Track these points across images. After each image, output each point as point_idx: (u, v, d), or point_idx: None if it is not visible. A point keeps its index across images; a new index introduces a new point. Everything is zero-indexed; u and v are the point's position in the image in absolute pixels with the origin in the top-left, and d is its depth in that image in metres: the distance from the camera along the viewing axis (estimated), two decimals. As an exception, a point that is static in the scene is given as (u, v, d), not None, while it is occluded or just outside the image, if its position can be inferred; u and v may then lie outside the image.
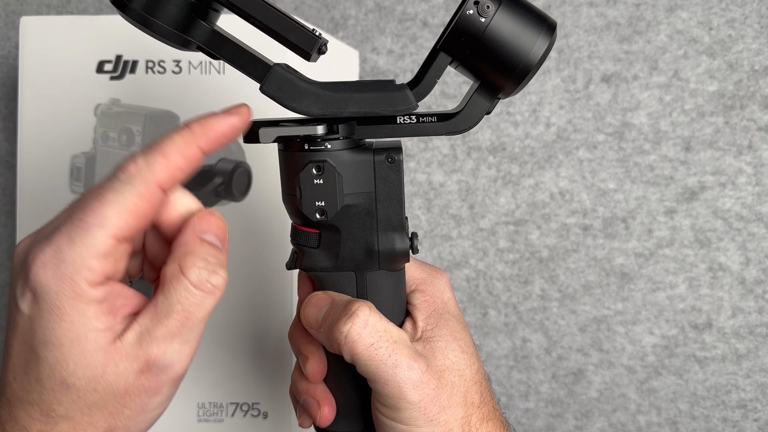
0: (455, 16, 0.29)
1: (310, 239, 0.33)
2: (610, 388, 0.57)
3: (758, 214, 0.55)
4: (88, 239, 0.25)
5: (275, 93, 0.29)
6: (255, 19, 0.28)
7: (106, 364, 0.26)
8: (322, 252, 0.33)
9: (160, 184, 0.26)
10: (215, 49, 0.30)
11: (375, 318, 0.31)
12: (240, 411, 0.51)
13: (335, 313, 0.31)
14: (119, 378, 0.26)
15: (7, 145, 0.59)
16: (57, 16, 0.52)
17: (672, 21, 0.55)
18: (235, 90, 0.52)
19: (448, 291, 0.35)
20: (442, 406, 0.30)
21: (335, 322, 0.31)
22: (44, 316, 0.26)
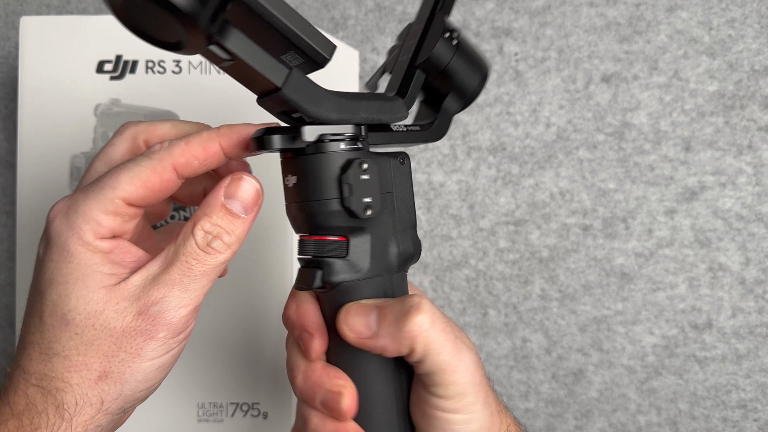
0: (425, 38, 0.33)
1: (340, 248, 0.31)
2: (610, 388, 0.57)
3: (758, 214, 0.55)
4: (99, 196, 0.28)
5: (296, 96, 0.28)
6: (278, 19, 0.26)
7: (107, 301, 0.28)
8: (350, 261, 0.31)
9: (175, 166, 0.29)
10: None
11: (433, 306, 0.30)
12: (240, 411, 0.51)
13: (394, 311, 0.30)
14: (118, 316, 0.28)
15: (7, 145, 0.59)
16: (57, 16, 0.52)
17: (672, 21, 0.55)
18: (235, 90, 0.52)
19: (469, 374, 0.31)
20: (488, 388, 0.31)
21: (402, 319, 0.29)
22: (54, 258, 0.28)
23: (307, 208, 0.30)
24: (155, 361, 0.29)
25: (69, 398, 0.28)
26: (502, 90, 0.57)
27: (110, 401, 0.28)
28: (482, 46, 0.57)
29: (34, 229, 0.52)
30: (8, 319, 0.59)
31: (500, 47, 0.56)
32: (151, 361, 0.29)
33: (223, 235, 0.29)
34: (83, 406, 0.28)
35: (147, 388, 0.29)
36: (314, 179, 0.30)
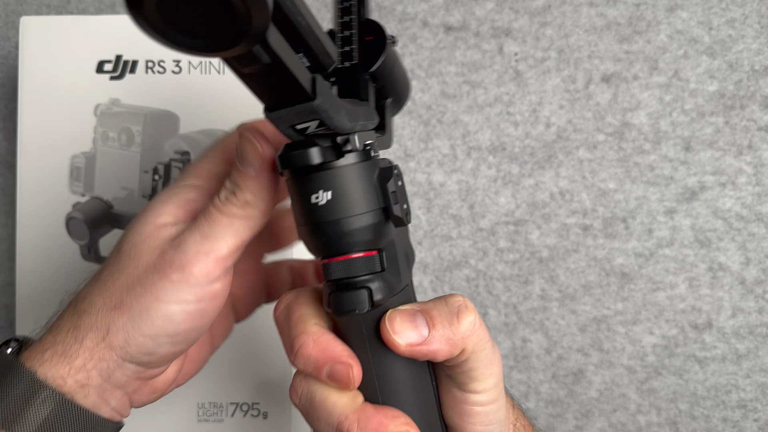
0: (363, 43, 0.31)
1: (378, 263, 0.29)
2: (610, 388, 0.57)
3: (758, 214, 0.55)
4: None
5: (327, 106, 0.25)
6: (302, 17, 0.23)
7: (148, 236, 0.30)
8: (385, 275, 0.29)
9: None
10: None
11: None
12: (240, 411, 0.51)
13: (443, 314, 0.29)
14: (149, 251, 0.30)
15: (7, 145, 0.59)
16: (57, 16, 0.52)
17: (672, 21, 0.55)
18: (235, 90, 0.52)
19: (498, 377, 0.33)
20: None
21: (454, 320, 0.29)
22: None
23: (346, 224, 0.28)
24: (164, 306, 0.29)
25: (86, 320, 0.30)
26: (502, 90, 0.57)
27: (114, 332, 0.29)
28: (482, 46, 0.57)
29: (34, 229, 0.52)
30: (8, 319, 0.59)
31: (500, 47, 0.56)
32: (159, 303, 0.29)
33: (236, 190, 0.30)
34: (92, 330, 0.30)
35: (151, 338, 0.29)
36: (356, 191, 0.28)
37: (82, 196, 0.52)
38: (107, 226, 0.52)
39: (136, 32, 0.31)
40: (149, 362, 0.30)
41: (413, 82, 0.57)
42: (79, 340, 0.30)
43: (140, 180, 0.52)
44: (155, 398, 0.34)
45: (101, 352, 0.29)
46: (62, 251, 0.52)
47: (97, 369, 0.30)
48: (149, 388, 0.33)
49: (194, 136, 0.52)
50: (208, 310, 0.30)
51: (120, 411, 0.32)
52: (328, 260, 0.29)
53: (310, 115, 0.25)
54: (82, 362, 0.29)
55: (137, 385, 0.32)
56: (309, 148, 0.27)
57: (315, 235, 0.28)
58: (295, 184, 0.28)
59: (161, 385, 0.33)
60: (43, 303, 0.52)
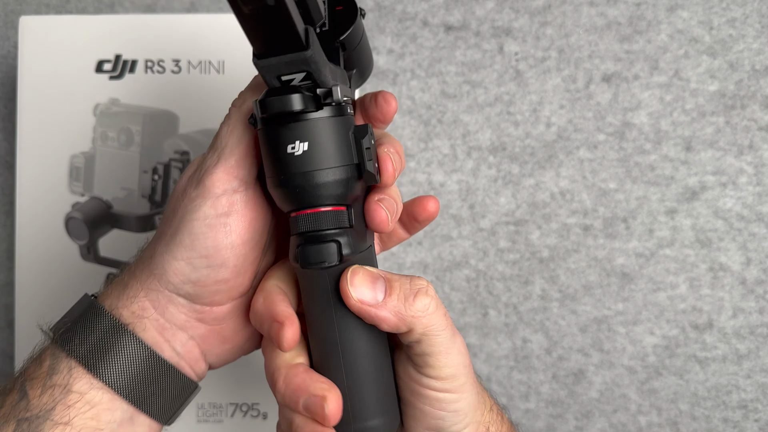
0: (335, 13, 0.31)
1: (347, 218, 0.29)
2: (611, 389, 0.57)
3: (759, 214, 0.55)
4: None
5: (317, 59, 0.26)
6: None
7: (184, 174, 0.32)
8: (353, 231, 0.30)
9: None
10: None
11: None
12: (240, 411, 0.51)
13: (403, 288, 0.30)
14: (181, 183, 0.32)
15: (6, 145, 0.59)
16: (56, 16, 0.52)
17: (673, 20, 0.55)
18: (234, 90, 0.52)
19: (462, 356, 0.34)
20: (473, 370, 0.32)
21: (410, 297, 0.30)
22: None
23: (320, 176, 0.28)
24: (188, 224, 0.30)
25: (139, 256, 0.32)
26: (502, 90, 0.56)
27: (155, 259, 0.31)
28: (482, 45, 0.56)
29: (34, 229, 0.52)
30: (8, 319, 0.59)
31: (500, 47, 0.56)
32: (183, 222, 0.30)
33: (240, 92, 0.32)
34: (141, 261, 0.32)
35: (185, 261, 0.30)
36: (332, 144, 0.28)
37: (81, 196, 0.52)
38: (107, 226, 0.52)
39: (136, 32, 0.31)
40: (196, 294, 0.31)
41: (413, 82, 0.57)
42: (132, 272, 0.32)
43: (140, 180, 0.52)
44: (230, 352, 0.34)
45: (148, 280, 0.31)
46: (62, 251, 0.52)
47: (149, 299, 0.31)
48: (218, 336, 0.32)
49: (194, 135, 0.52)
50: (234, 225, 0.30)
51: (191, 363, 0.32)
52: (298, 212, 0.29)
53: (301, 66, 0.26)
54: (134, 292, 0.31)
55: (203, 330, 0.32)
56: (292, 94, 0.27)
57: (287, 186, 0.28)
58: (271, 133, 0.28)
59: (231, 334, 0.33)
60: (43, 303, 0.52)
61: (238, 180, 0.30)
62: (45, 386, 0.29)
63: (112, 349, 0.30)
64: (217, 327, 0.32)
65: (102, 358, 0.29)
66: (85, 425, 0.29)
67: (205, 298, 0.31)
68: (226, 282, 0.31)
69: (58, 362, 0.30)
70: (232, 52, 0.51)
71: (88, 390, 0.29)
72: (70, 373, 0.29)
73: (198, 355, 0.32)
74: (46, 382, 0.29)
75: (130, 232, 0.52)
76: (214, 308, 0.32)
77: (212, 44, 0.51)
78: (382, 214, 0.30)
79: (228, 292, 0.31)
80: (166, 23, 0.51)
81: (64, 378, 0.29)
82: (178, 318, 0.31)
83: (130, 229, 0.52)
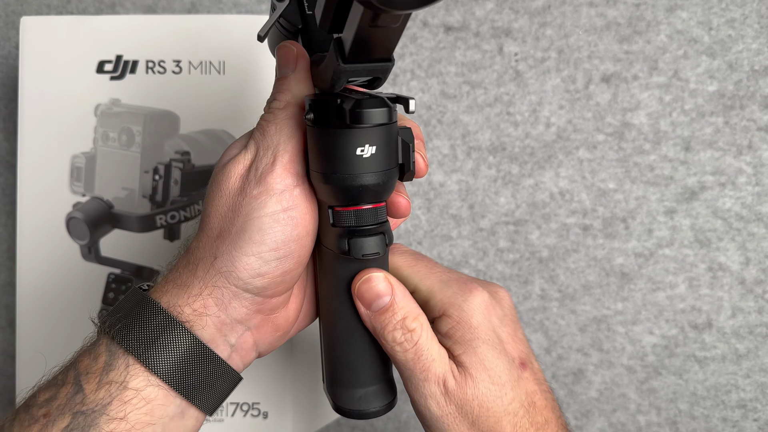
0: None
1: (385, 212, 0.33)
2: (610, 388, 0.57)
3: (758, 214, 0.55)
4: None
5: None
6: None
7: (224, 169, 0.33)
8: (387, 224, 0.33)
9: None
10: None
11: (424, 337, 0.33)
12: (240, 411, 0.51)
13: (393, 319, 0.33)
14: (229, 180, 0.32)
15: (7, 145, 0.59)
16: (57, 16, 0.52)
17: (672, 21, 0.55)
18: (235, 90, 0.52)
19: (479, 314, 0.34)
20: (463, 430, 0.32)
21: (390, 329, 0.33)
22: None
23: (382, 176, 0.30)
24: (256, 221, 0.31)
25: (196, 255, 0.33)
26: (502, 90, 0.57)
27: (220, 258, 0.32)
28: (482, 46, 0.57)
29: (35, 229, 0.52)
30: (8, 319, 0.59)
31: (500, 47, 0.56)
32: (251, 220, 0.31)
33: (277, 95, 0.33)
34: (202, 261, 0.32)
35: (255, 256, 0.31)
36: (391, 146, 0.31)
37: (82, 196, 0.52)
38: (107, 226, 0.52)
39: (137, 32, 0.31)
40: (263, 287, 0.32)
41: (413, 83, 0.57)
42: (192, 272, 0.32)
43: (140, 180, 0.52)
44: (280, 338, 0.35)
45: (213, 278, 0.31)
46: (62, 251, 0.52)
47: (212, 297, 0.32)
48: (272, 324, 0.34)
49: (194, 136, 0.52)
50: (299, 218, 0.32)
51: (242, 354, 0.33)
52: (348, 207, 0.31)
53: (378, 73, 0.29)
54: (197, 290, 0.32)
55: (258, 320, 0.33)
56: (385, 108, 0.29)
57: (349, 184, 0.30)
58: (339, 134, 0.30)
59: (283, 322, 0.35)
60: (44, 303, 0.52)
61: (295, 175, 0.32)
62: (101, 382, 0.30)
63: (169, 345, 0.30)
64: (272, 316, 0.34)
65: (160, 354, 0.30)
66: (139, 420, 0.30)
67: (270, 290, 0.32)
68: (290, 272, 0.32)
69: (115, 358, 0.30)
70: (233, 53, 0.51)
71: (145, 387, 0.30)
72: (127, 369, 0.30)
73: (251, 345, 0.34)
74: (102, 377, 0.30)
75: (131, 232, 0.52)
76: (273, 299, 0.33)
77: (213, 45, 0.51)
78: (407, 203, 0.34)
79: (290, 282, 0.33)
80: (167, 24, 0.51)
81: (121, 374, 0.30)
82: (240, 312, 0.32)
83: (131, 229, 0.52)
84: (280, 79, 0.33)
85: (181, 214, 0.52)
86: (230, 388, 0.34)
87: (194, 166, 0.52)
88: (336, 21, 0.27)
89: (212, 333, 0.32)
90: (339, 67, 0.28)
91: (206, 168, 0.52)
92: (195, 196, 0.52)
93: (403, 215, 0.34)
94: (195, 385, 0.31)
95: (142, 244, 0.52)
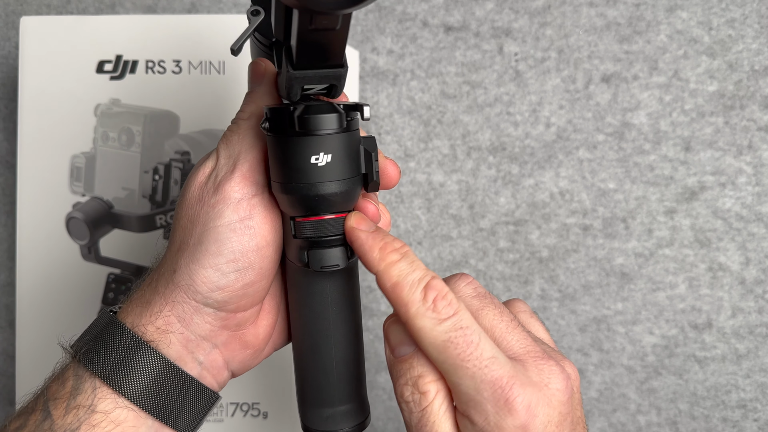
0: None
1: None
2: (610, 388, 0.57)
3: (758, 214, 0.55)
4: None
5: (345, 75, 0.29)
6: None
7: (191, 180, 0.32)
8: None
9: None
10: None
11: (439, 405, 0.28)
12: (240, 411, 0.51)
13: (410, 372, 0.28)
14: (192, 190, 0.32)
15: (7, 145, 0.59)
16: (57, 16, 0.52)
17: (672, 21, 0.55)
18: (235, 90, 0.52)
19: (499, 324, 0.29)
20: None
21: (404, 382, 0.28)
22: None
23: (341, 185, 0.30)
24: (212, 231, 0.30)
25: (159, 270, 0.32)
26: (502, 90, 0.57)
27: (179, 271, 0.31)
28: (482, 46, 0.57)
29: (34, 229, 0.52)
30: (8, 319, 0.59)
31: (500, 47, 0.56)
32: (207, 230, 0.30)
33: (243, 107, 0.32)
34: (163, 276, 0.31)
35: (213, 268, 0.30)
36: (350, 155, 0.30)
37: (82, 196, 0.52)
38: (107, 226, 0.52)
39: (137, 32, 0.31)
40: (224, 301, 0.31)
41: (413, 83, 0.57)
42: (154, 288, 0.31)
43: (140, 180, 0.52)
44: (251, 357, 0.34)
45: (173, 294, 0.31)
46: (62, 251, 0.52)
47: (174, 313, 0.31)
48: (240, 342, 0.33)
49: (194, 136, 0.52)
50: (256, 228, 0.31)
51: (214, 372, 0.32)
52: (307, 218, 0.30)
53: (332, 80, 0.28)
54: (158, 308, 0.31)
55: (225, 336, 0.32)
56: (333, 114, 0.29)
57: (302, 194, 0.29)
58: (294, 143, 0.29)
59: (252, 339, 0.33)
60: (44, 303, 0.52)
61: (255, 184, 0.31)
62: (69, 406, 0.29)
63: (135, 366, 0.30)
64: (239, 332, 0.33)
65: (127, 376, 0.30)
66: None
67: (232, 304, 0.31)
68: (252, 285, 0.31)
69: (82, 382, 0.30)
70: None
71: (113, 409, 0.29)
72: (94, 392, 0.29)
73: (221, 363, 0.33)
74: (69, 402, 0.29)
75: (130, 232, 0.52)
76: (238, 314, 0.32)
77: (213, 45, 0.51)
78: (375, 210, 0.32)
79: (253, 295, 0.32)
80: (167, 24, 0.51)
81: (88, 398, 0.29)
82: (203, 328, 0.31)
83: (131, 229, 0.52)
84: (249, 93, 0.33)
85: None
86: (207, 407, 0.33)
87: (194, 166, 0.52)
88: (287, 28, 0.27)
89: (179, 351, 0.31)
90: (289, 73, 0.27)
91: (206, 168, 0.52)
92: (195, 196, 0.52)
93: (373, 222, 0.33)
94: (166, 405, 0.30)
95: (142, 244, 0.52)
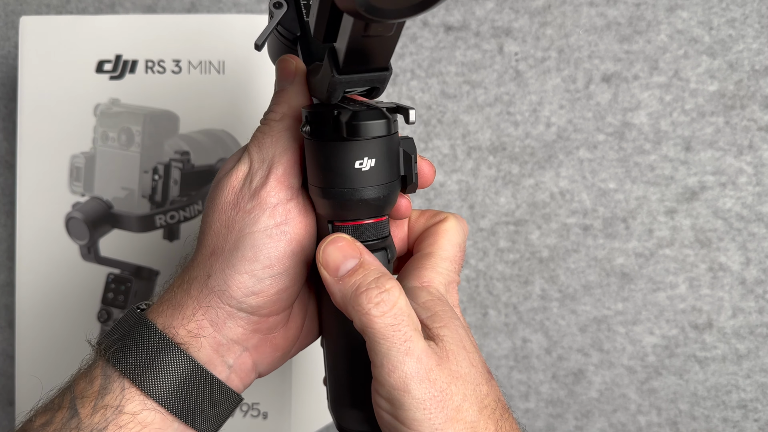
0: None
1: (387, 226, 0.31)
2: (611, 389, 0.57)
3: (759, 214, 0.55)
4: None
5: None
6: None
7: (220, 183, 0.32)
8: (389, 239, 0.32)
9: None
10: None
11: (403, 302, 0.28)
12: (240, 411, 0.51)
13: (366, 278, 0.28)
14: (224, 195, 0.31)
15: (6, 145, 0.59)
16: (57, 16, 0.52)
17: (672, 21, 0.55)
18: (235, 90, 0.52)
19: (454, 295, 0.32)
20: (449, 417, 0.27)
21: (363, 289, 0.28)
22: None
23: (382, 190, 0.29)
24: (248, 237, 0.30)
25: (191, 274, 0.32)
26: (502, 90, 0.57)
27: (214, 276, 0.31)
28: (482, 46, 0.57)
29: (34, 229, 0.52)
30: (8, 319, 0.59)
31: (500, 47, 0.56)
32: (243, 236, 0.30)
33: (274, 107, 0.32)
34: (196, 280, 0.31)
35: (249, 274, 0.30)
36: (391, 158, 0.29)
37: (81, 196, 0.52)
38: (107, 226, 0.52)
39: (136, 32, 0.31)
40: (258, 306, 0.31)
41: (413, 82, 0.57)
42: (186, 291, 0.31)
43: (140, 180, 0.52)
44: (280, 358, 0.34)
45: (207, 298, 0.31)
46: (62, 251, 0.52)
47: (207, 317, 0.31)
48: (270, 344, 0.33)
49: (194, 136, 0.52)
50: (292, 233, 0.30)
51: (242, 375, 0.32)
52: (348, 222, 0.30)
53: (375, 83, 0.27)
54: (191, 311, 0.31)
55: (256, 340, 0.32)
56: (383, 120, 0.28)
57: (347, 198, 0.29)
58: (337, 147, 0.29)
59: (282, 341, 0.33)
60: (44, 303, 0.52)
61: (290, 189, 0.31)
62: (96, 406, 0.29)
63: (165, 369, 0.30)
64: (270, 336, 0.33)
65: (156, 378, 0.29)
66: None
67: (265, 309, 0.31)
68: (286, 290, 0.31)
69: (111, 381, 0.30)
70: (233, 53, 0.51)
71: (141, 411, 0.29)
72: (122, 393, 0.29)
73: (250, 366, 0.33)
74: (97, 401, 0.29)
75: (130, 232, 0.52)
76: (270, 318, 0.32)
77: (212, 44, 0.51)
78: (407, 204, 0.33)
79: (287, 300, 0.32)
80: (167, 23, 0.51)
81: (116, 398, 0.29)
82: (236, 332, 0.31)
83: (131, 229, 0.52)
84: (278, 91, 0.32)
85: (180, 214, 0.52)
86: (230, 410, 0.33)
87: (194, 166, 0.52)
88: (329, 30, 0.26)
89: (209, 354, 0.31)
90: (334, 78, 0.26)
91: (206, 168, 0.52)
92: (194, 196, 0.52)
93: (403, 216, 0.33)
94: (193, 408, 0.30)
95: (142, 244, 0.52)
